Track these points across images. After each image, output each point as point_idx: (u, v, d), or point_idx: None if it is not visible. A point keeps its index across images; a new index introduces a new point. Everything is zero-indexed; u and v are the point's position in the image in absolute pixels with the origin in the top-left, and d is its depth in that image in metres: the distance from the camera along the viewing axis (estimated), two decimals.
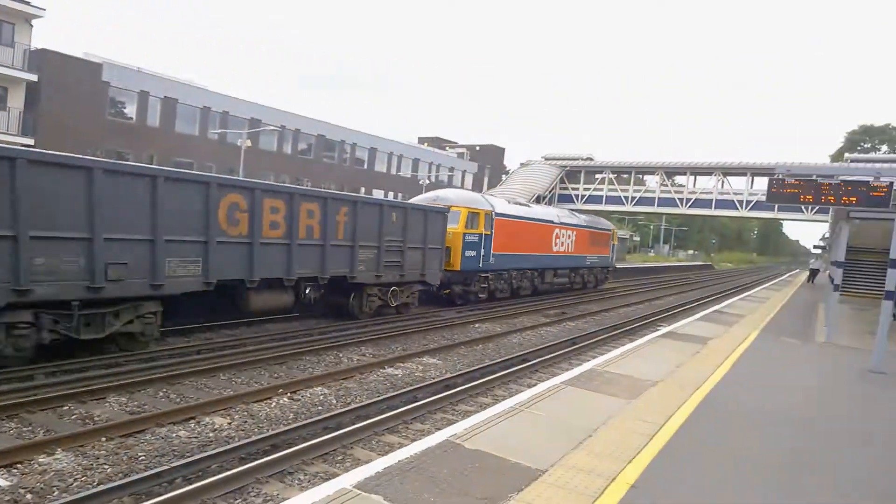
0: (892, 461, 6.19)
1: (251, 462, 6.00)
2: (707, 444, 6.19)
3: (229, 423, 7.43)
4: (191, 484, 5.50)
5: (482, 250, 19.79)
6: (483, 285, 20.57)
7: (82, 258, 9.01)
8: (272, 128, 41.09)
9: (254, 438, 6.67)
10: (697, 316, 18.37)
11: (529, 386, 9.50)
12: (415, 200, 18.96)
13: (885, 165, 36.21)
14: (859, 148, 59.69)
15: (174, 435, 6.90)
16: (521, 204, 24.55)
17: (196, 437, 6.90)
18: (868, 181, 10.81)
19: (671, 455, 5.71)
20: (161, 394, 8.43)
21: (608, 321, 19.13)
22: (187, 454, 6.34)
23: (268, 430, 7.19)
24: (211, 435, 7.02)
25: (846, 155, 52.86)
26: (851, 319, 19.53)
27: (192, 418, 7.45)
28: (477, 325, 16.36)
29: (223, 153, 40.84)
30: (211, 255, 10.79)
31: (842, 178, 11.12)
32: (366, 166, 55.17)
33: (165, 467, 5.73)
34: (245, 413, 7.86)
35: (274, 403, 8.37)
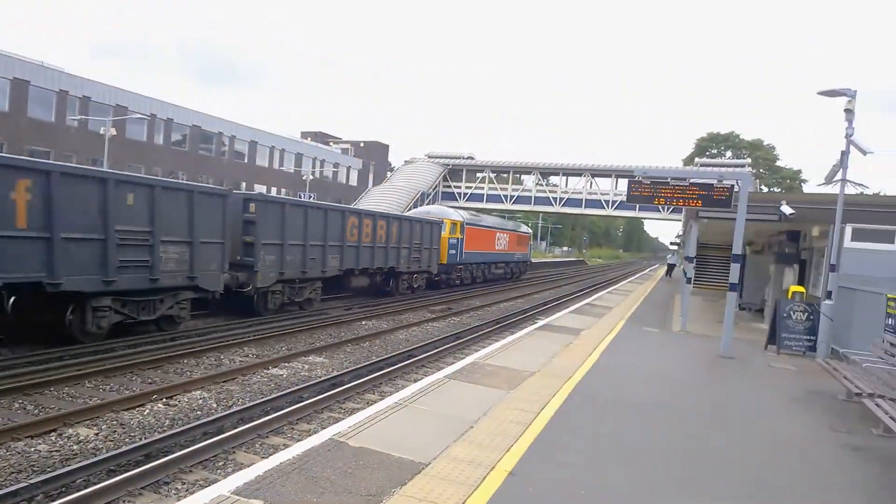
0: (742, 438, 7.01)
1: (121, 474, 5.68)
2: (578, 429, 6.68)
3: (96, 434, 6.96)
4: (52, 501, 5.12)
5: (459, 249, 27.93)
6: (458, 274, 28.67)
7: (300, 256, 16.48)
8: (140, 116, 38.28)
9: (124, 449, 6.31)
10: (571, 309, 19.56)
11: (415, 381, 9.67)
12: (409, 213, 28.68)
13: (727, 170, 40.54)
14: (707, 153, 66.07)
15: (33, 449, 6.36)
16: (476, 215, 33.33)
17: (58, 451, 6.40)
18: (712, 184, 12.07)
19: (546, 441, 6.11)
20: (17, 405, 7.72)
21: (490, 315, 19.87)
22: (48, 469, 5.87)
23: (140, 439, 6.81)
24: (75, 447, 6.54)
25: (696, 160, 58.47)
26: (703, 309, 21.70)
27: (54, 430, 6.91)
28: (364, 323, 16.37)
29: (85, 142, 37.53)
30: (344, 254, 18.57)
31: (692, 180, 12.32)
32: (246, 160, 52.97)
33: (23, 484, 5.29)
34: (114, 422, 7.39)
35: (147, 410, 7.93)
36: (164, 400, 8.38)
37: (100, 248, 10.79)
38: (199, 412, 8.08)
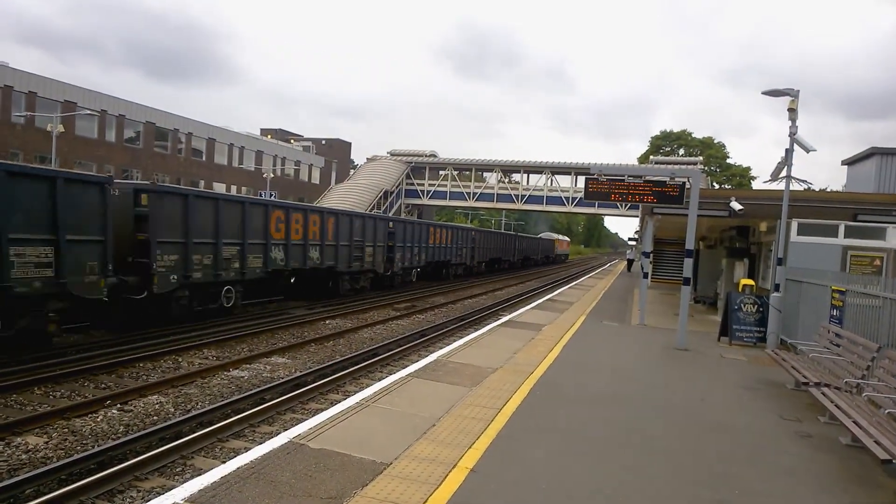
0: (696, 428, 7.20)
1: (73, 483, 5.51)
2: (538, 424, 6.76)
3: (46, 443, 6.74)
4: None
5: (559, 250, 79.15)
6: (559, 259, 77.88)
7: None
8: (89, 112, 36.95)
9: (76, 457, 6.12)
10: (534, 304, 19.77)
11: (379, 380, 9.64)
12: (541, 236, 75.60)
13: (680, 167, 41.50)
14: (660, 151, 67.51)
15: None
16: (553, 233, 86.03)
17: (6, 461, 6.18)
18: (665, 181, 12.34)
19: (507, 437, 6.17)
20: None
21: (454, 312, 19.92)
22: None
23: (93, 447, 6.62)
24: (24, 457, 6.32)
25: (651, 157, 59.67)
26: (661, 303, 22.19)
27: (1, 439, 6.67)
28: (327, 322, 16.23)
29: (31, 139, 36.14)
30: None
31: (646, 178, 12.57)
32: (204, 158, 51.76)
33: None
34: (66, 430, 7.17)
35: (101, 417, 7.71)
36: (119, 406, 8.17)
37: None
38: (155, 417, 7.90)
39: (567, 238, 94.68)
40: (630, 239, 56.75)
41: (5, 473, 5.88)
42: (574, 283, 33.29)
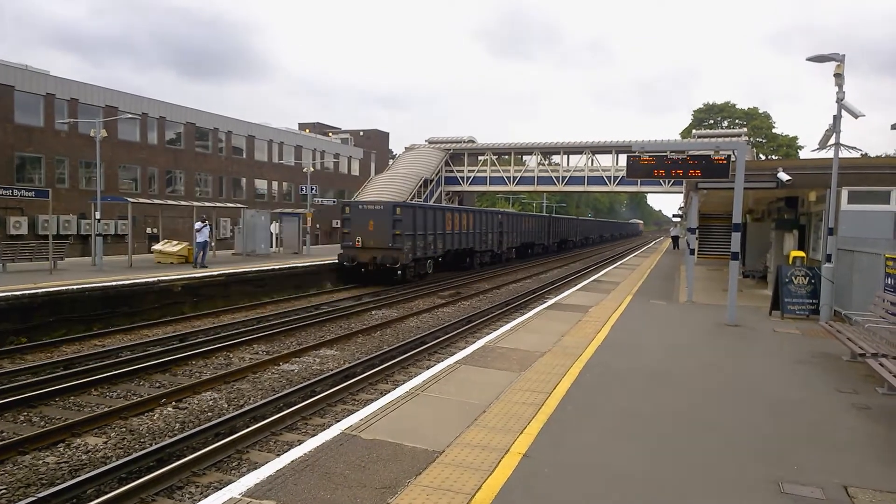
0: (751, 403, 6.92)
1: (133, 482, 5.61)
2: (589, 406, 6.58)
3: (105, 442, 6.91)
4: None
5: (640, 228, 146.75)
6: (639, 232, 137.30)
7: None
8: (131, 115, 37.77)
9: (134, 455, 6.24)
10: (579, 286, 19.42)
11: (427, 368, 9.58)
12: (630, 221, 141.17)
13: (724, 140, 40.02)
14: (704, 125, 65.31)
15: (41, 462, 6.32)
16: (637, 220, 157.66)
17: (67, 462, 6.35)
18: (710, 155, 11.91)
19: (559, 421, 6.03)
20: (22, 418, 7.67)
21: (500, 298, 19.78)
22: (57, 481, 5.82)
23: (151, 445, 6.76)
24: (84, 457, 6.49)
25: (693, 131, 57.82)
26: (708, 279, 21.55)
27: (61, 441, 6.87)
28: (374, 312, 16.31)
29: (75, 145, 37.27)
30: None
31: (690, 152, 12.13)
32: (244, 155, 52.60)
33: (31, 499, 5.22)
34: (123, 429, 7.34)
35: (157, 415, 7.88)
36: (174, 403, 8.33)
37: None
38: (210, 413, 8.02)
39: (642, 221, 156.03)
40: (675, 215, 55.30)
41: (67, 475, 6.03)
42: (619, 262, 32.65)
